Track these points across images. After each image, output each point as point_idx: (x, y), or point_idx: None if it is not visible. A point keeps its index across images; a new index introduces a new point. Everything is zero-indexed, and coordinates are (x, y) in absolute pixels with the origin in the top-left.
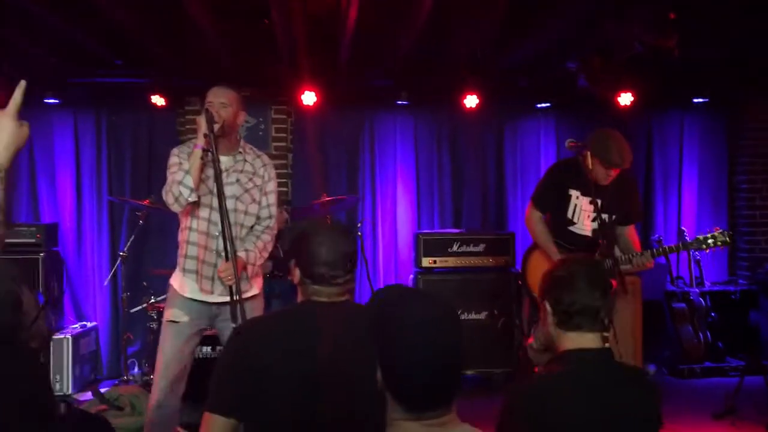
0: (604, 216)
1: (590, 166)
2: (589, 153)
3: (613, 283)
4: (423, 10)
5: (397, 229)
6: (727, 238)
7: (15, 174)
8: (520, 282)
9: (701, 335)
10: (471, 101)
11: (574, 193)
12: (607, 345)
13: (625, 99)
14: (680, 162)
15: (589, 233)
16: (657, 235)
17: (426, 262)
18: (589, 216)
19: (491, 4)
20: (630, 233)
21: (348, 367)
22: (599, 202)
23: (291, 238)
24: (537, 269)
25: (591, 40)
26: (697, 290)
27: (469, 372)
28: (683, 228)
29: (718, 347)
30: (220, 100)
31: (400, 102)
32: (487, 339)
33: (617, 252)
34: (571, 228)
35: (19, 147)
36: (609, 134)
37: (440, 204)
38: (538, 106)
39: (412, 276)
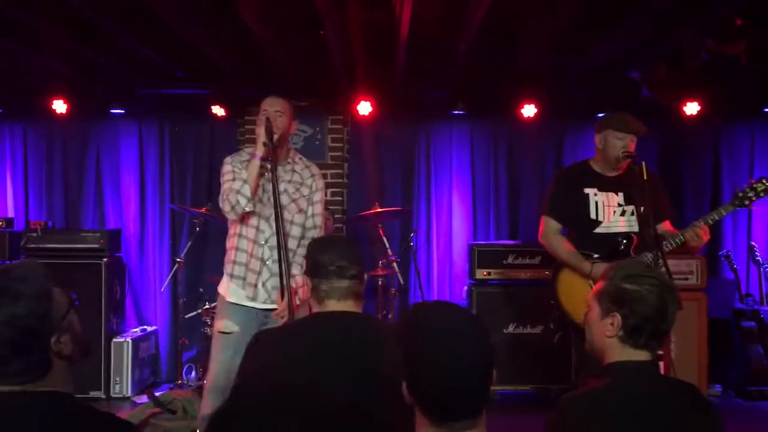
0: (629, 208)
1: (602, 146)
2: (600, 134)
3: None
4: (477, 16)
5: (452, 241)
6: None
7: (82, 181)
8: (557, 314)
9: None
10: (529, 111)
11: (590, 191)
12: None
13: (692, 108)
14: (750, 175)
15: (618, 229)
16: (725, 250)
17: (480, 273)
18: (614, 210)
19: (549, 13)
20: (667, 227)
21: (336, 379)
22: (621, 194)
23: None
24: (571, 290)
25: (655, 49)
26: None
27: (525, 388)
28: (753, 243)
29: None
30: (275, 109)
31: (456, 112)
32: (542, 354)
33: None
34: (598, 230)
35: None
36: (617, 112)
37: (496, 215)
38: (600, 115)
39: (466, 288)
